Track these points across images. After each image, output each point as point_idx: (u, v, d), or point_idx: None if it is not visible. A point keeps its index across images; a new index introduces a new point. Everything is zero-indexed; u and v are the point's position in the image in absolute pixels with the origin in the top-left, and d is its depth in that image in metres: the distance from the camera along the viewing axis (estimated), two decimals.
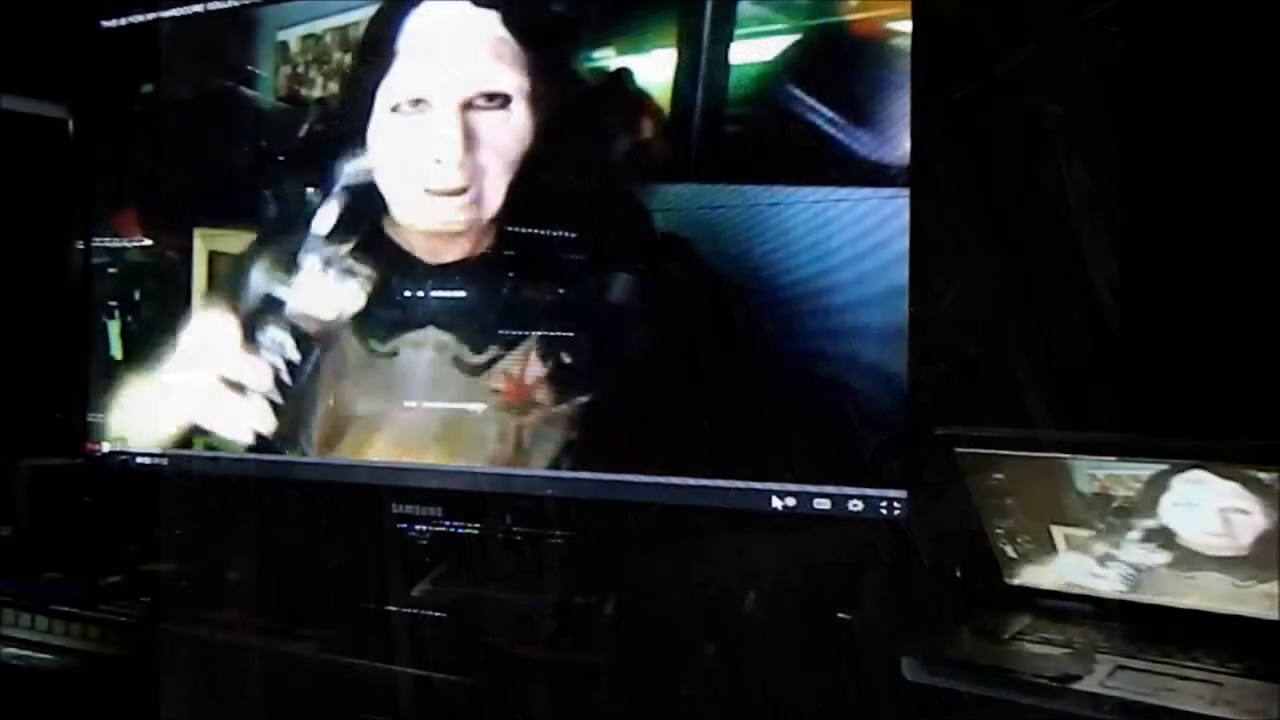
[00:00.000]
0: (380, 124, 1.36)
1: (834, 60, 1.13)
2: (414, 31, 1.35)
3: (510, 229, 1.29)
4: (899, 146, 1.08)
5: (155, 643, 1.24)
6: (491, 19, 1.30)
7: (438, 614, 1.19)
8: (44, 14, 1.63)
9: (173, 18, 1.52)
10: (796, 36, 1.14)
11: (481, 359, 1.30)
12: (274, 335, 1.42)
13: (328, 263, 1.40)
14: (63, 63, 1.64)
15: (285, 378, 1.41)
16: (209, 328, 1.50)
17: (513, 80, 1.28)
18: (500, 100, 1.28)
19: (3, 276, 1.66)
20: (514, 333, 1.28)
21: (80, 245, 1.59)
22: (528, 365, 1.27)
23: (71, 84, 1.65)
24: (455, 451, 1.32)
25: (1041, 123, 1.13)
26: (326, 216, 1.41)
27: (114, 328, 1.57)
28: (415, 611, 1.20)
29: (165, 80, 1.55)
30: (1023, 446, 1.00)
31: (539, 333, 1.26)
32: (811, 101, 1.13)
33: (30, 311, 1.65)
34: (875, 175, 1.10)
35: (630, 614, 1.15)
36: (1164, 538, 0.96)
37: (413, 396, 1.34)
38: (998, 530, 1.04)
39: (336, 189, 1.39)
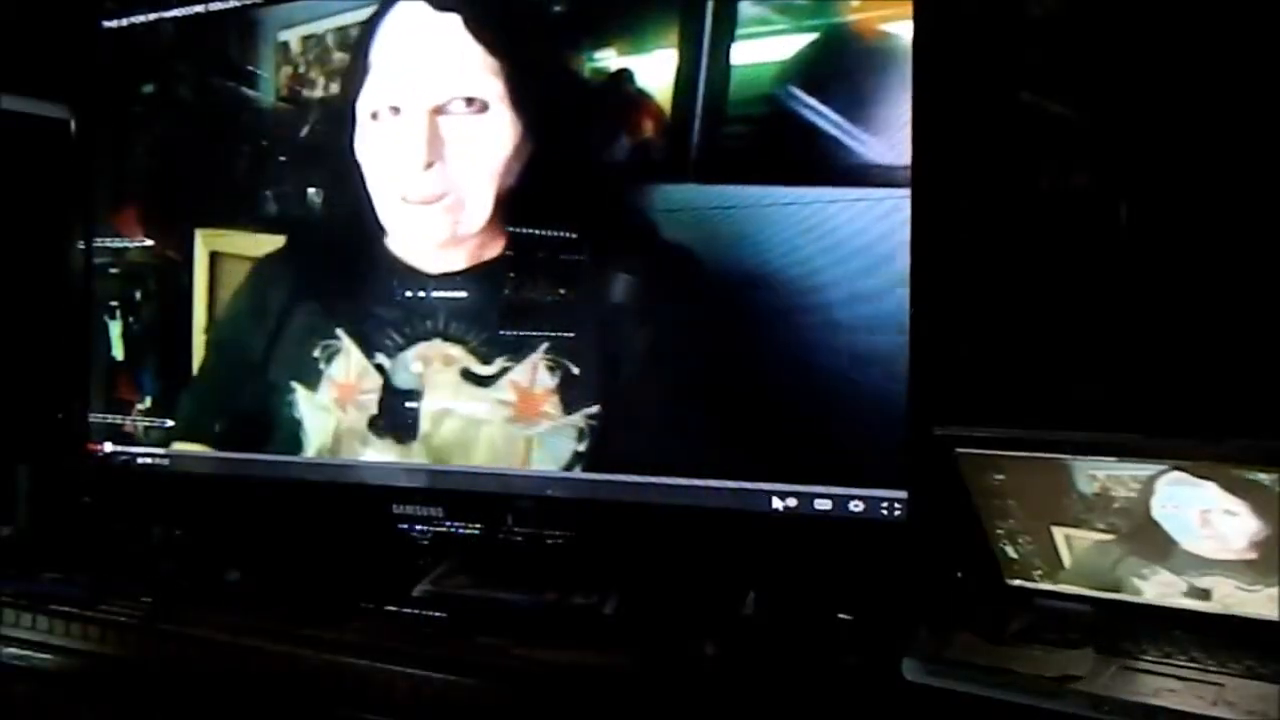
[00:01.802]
0: (363, 133, 1.36)
1: (836, 60, 1.13)
2: (385, 39, 1.35)
3: (510, 234, 1.28)
4: (900, 146, 1.08)
5: (155, 643, 1.23)
6: (454, 23, 1.28)
7: (438, 614, 1.19)
8: (45, 14, 1.63)
9: (174, 18, 1.52)
10: (799, 36, 1.14)
11: (490, 370, 1.30)
12: (284, 338, 1.43)
13: (329, 269, 1.41)
14: (64, 63, 1.64)
15: (292, 382, 1.42)
16: (213, 329, 1.50)
17: (487, 84, 1.27)
18: (477, 105, 1.27)
19: (4, 277, 1.65)
20: (519, 340, 1.27)
21: (81, 245, 1.59)
22: (535, 373, 1.27)
23: (73, 84, 1.64)
24: (463, 455, 1.32)
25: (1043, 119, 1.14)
26: (327, 220, 1.42)
27: (115, 328, 1.57)
28: (416, 612, 1.20)
29: (167, 80, 1.55)
30: (1023, 447, 0.99)
31: (544, 340, 1.26)
32: (812, 101, 1.13)
33: (31, 312, 1.65)
34: (876, 175, 1.09)
35: (631, 614, 1.14)
36: (1161, 538, 0.96)
37: (419, 405, 1.34)
38: (998, 530, 1.04)
39: (333, 193, 1.40)
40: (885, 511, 1.10)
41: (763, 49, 1.16)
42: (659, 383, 1.22)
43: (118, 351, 1.57)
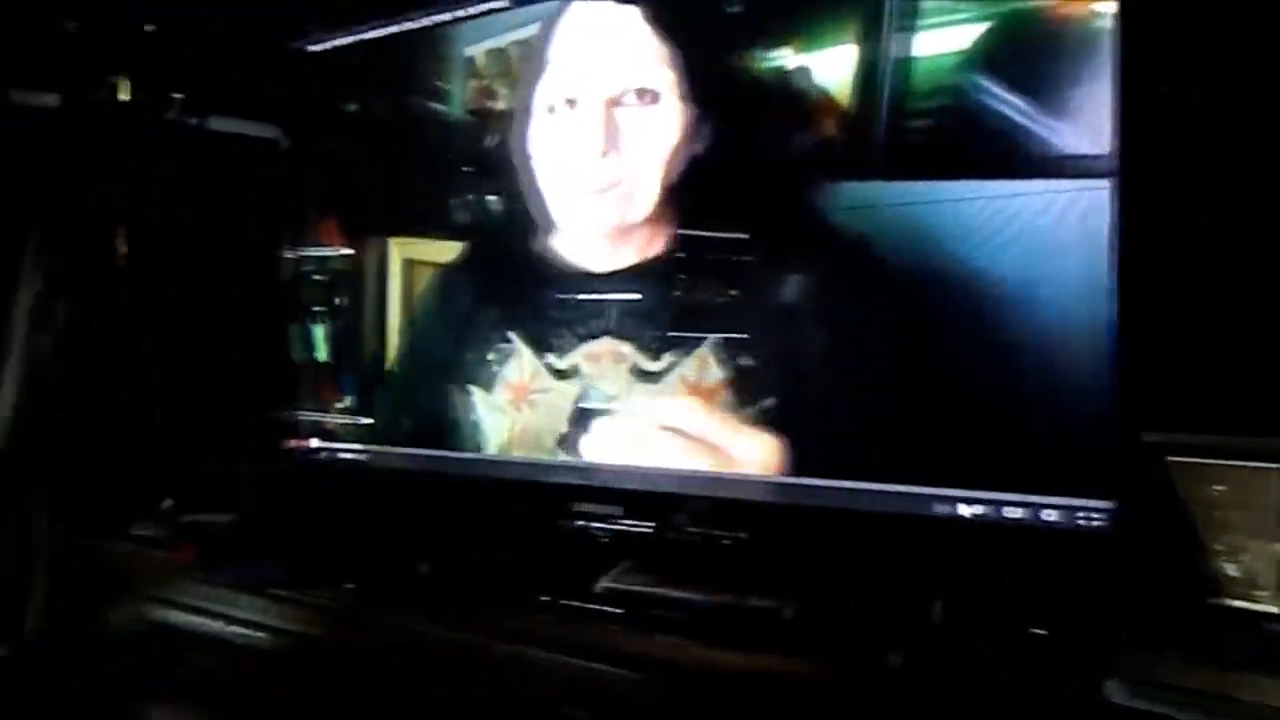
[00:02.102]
0: (538, 128, 1.40)
1: (1025, 46, 1.08)
2: (564, 34, 1.38)
3: (679, 232, 1.29)
4: (1099, 134, 1.02)
5: (355, 626, 1.31)
6: (634, 15, 1.31)
7: (617, 610, 1.21)
8: (252, 41, 1.76)
9: (370, 40, 1.61)
10: (983, 24, 1.09)
11: (659, 365, 1.30)
12: (462, 341, 1.49)
13: (501, 273, 1.46)
14: (273, 86, 1.77)
15: (469, 384, 1.48)
16: (403, 333, 1.58)
17: (660, 76, 1.28)
18: (649, 96, 1.29)
19: (220, 285, 1.80)
20: (689, 338, 1.28)
21: (289, 255, 1.71)
22: (705, 370, 1.27)
23: (281, 106, 1.77)
24: (634, 453, 1.33)
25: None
26: (501, 225, 1.46)
27: (319, 331, 1.68)
28: (596, 608, 1.22)
29: (364, 99, 1.65)
30: (1246, 456, 0.91)
31: (714, 337, 1.26)
32: (1001, 91, 1.08)
33: (246, 317, 1.79)
34: (1071, 166, 1.03)
35: (809, 619, 1.12)
36: None
37: (590, 404, 1.37)
38: (1217, 546, 0.96)
39: (511, 196, 1.45)
40: (1084, 521, 1.04)
41: (947, 38, 1.11)
42: (839, 384, 1.19)
43: (321, 354, 1.68)
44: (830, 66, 1.18)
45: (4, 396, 1.60)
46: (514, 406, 1.43)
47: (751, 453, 1.23)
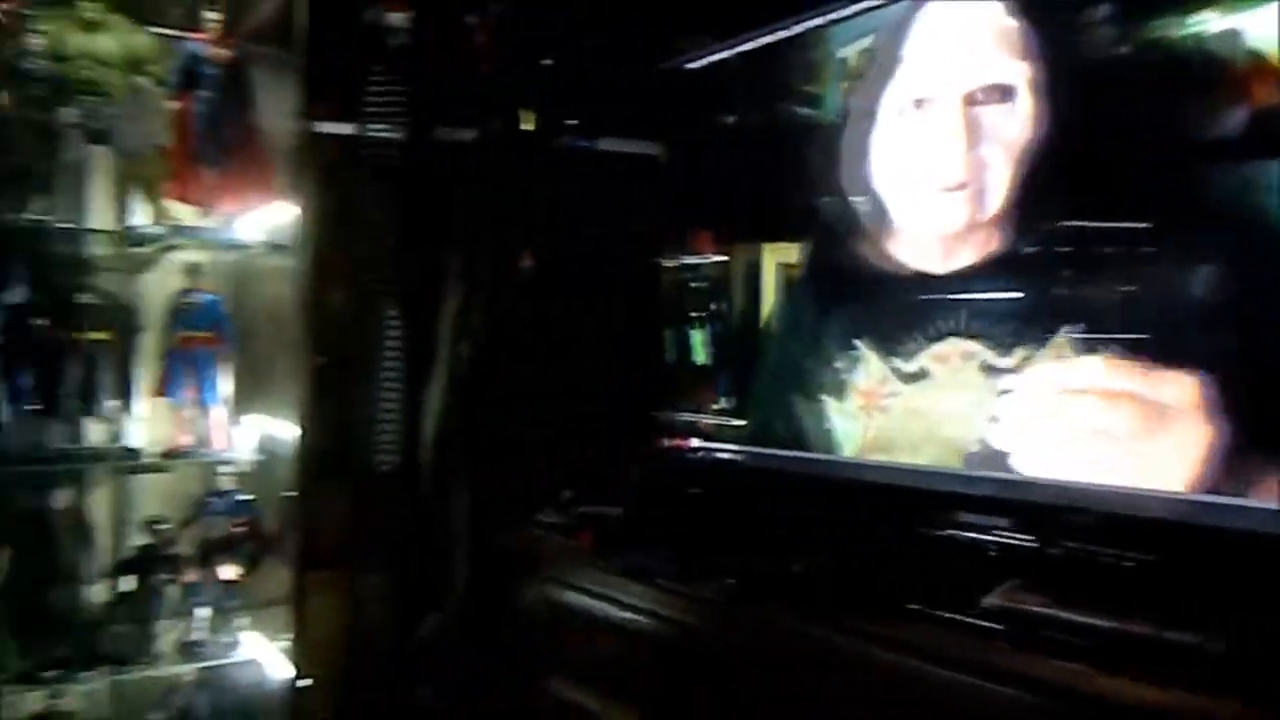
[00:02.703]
0: (886, 130, 1.38)
1: None
2: (920, 33, 1.35)
3: (1042, 225, 1.21)
4: None
5: (734, 620, 1.36)
6: (997, 9, 1.25)
7: (999, 627, 1.14)
8: (635, 66, 1.88)
9: (744, 53, 1.66)
10: None
11: (1011, 360, 1.24)
12: (815, 346, 1.50)
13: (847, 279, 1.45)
14: (652, 105, 1.88)
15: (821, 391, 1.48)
16: (771, 336, 1.62)
17: (1017, 69, 1.23)
18: (1003, 91, 1.24)
19: (609, 294, 1.94)
20: (1044, 334, 1.20)
21: (669, 264, 1.81)
22: (1068, 361, 1.18)
23: (658, 124, 1.88)
24: (1014, 460, 1.26)
25: None
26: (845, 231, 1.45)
27: (696, 336, 1.76)
28: (980, 623, 1.16)
29: (737, 110, 1.71)
30: None
31: (1073, 329, 1.17)
32: None
33: (629, 323, 1.92)
34: None
35: (1240, 655, 0.98)
36: None
37: (949, 407, 1.32)
38: None
39: (853, 199, 1.44)
40: None
41: None
42: (1258, 381, 1.04)
43: (699, 357, 1.76)
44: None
45: (431, 400, 1.84)
46: (865, 413, 1.43)
47: (1181, 395, 1.09)
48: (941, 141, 1.29)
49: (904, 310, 1.37)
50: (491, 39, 1.90)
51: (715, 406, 1.72)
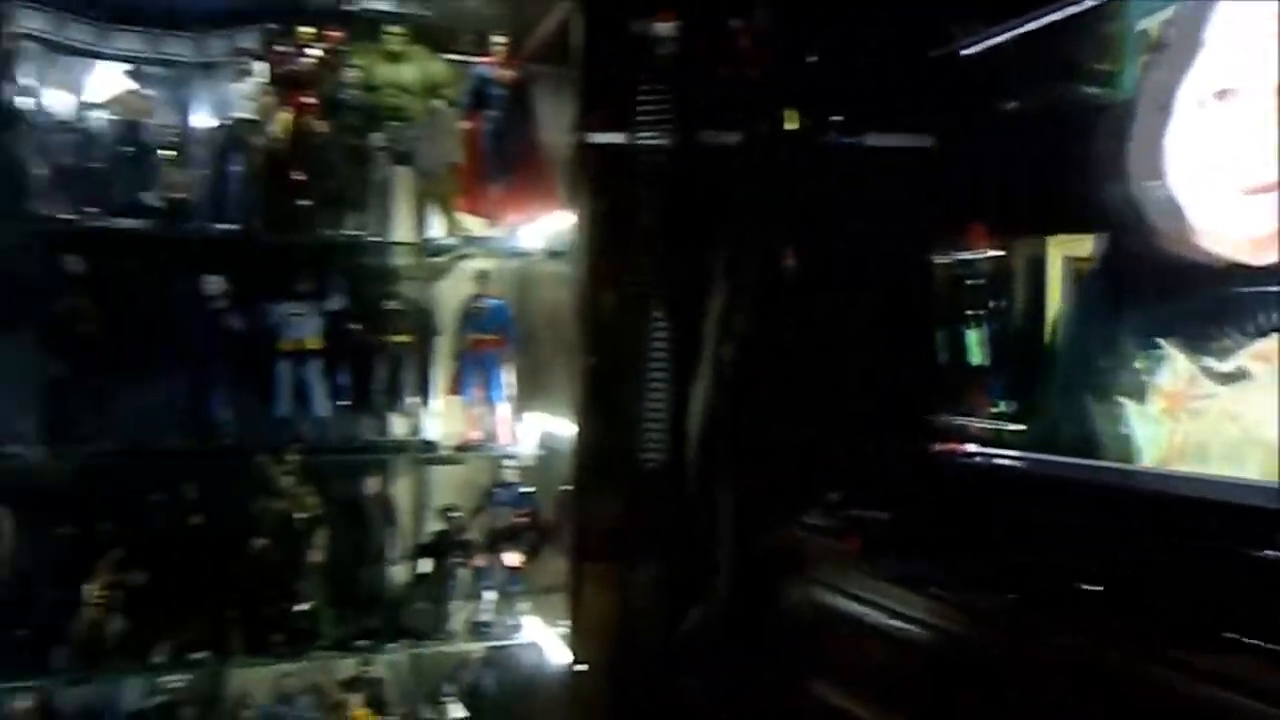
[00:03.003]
0: (1183, 123, 1.25)
1: None
2: (1225, 15, 1.21)
3: None
4: None
5: (1014, 636, 1.28)
6: None
7: None
8: (904, 56, 1.81)
9: (1027, 32, 1.56)
10: None
11: None
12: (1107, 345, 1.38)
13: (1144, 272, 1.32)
14: (923, 95, 1.81)
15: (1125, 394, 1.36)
16: (1061, 335, 1.51)
17: None
18: None
19: (877, 292, 1.89)
20: None
21: (940, 260, 1.74)
22: None
23: (930, 114, 1.81)
24: None
25: None
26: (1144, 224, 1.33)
27: (971, 336, 1.68)
28: None
29: (1016, 93, 1.61)
30: None
31: None
32: None
33: (899, 323, 1.86)
34: None
35: None
36: None
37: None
38: None
39: (1148, 190, 1.31)
40: None
41: None
42: None
43: (974, 358, 1.68)
44: None
45: (696, 400, 1.87)
46: (1170, 416, 1.30)
47: None
48: (1249, 139, 1.17)
49: (1216, 305, 1.24)
50: (756, 41, 1.91)
51: (992, 410, 1.63)
